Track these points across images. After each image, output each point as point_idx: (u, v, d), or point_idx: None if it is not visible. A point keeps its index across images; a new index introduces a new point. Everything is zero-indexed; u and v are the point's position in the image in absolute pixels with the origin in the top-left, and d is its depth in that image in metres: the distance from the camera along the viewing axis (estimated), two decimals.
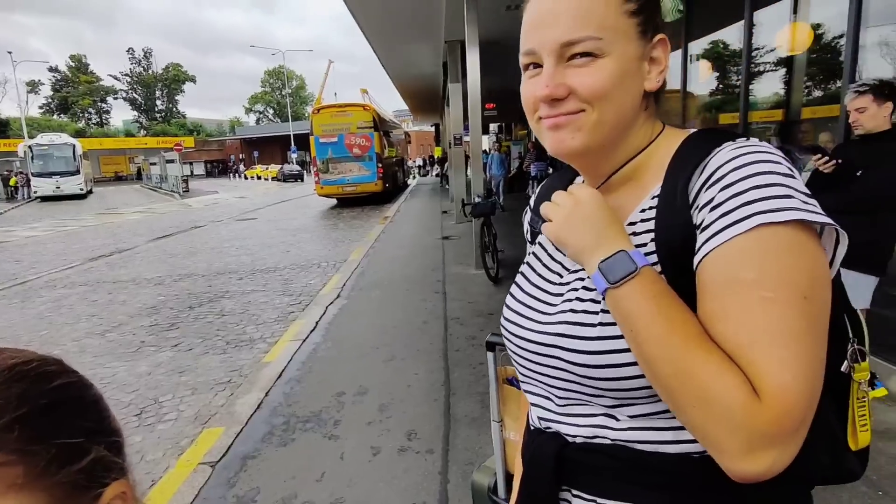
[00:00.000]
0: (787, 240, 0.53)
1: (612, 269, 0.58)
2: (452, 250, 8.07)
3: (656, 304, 0.56)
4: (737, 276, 0.53)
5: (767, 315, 0.52)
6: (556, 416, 0.72)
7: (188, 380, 3.85)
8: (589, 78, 0.62)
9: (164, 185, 30.67)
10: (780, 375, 0.50)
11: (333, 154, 16.35)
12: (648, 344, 0.55)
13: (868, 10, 3.27)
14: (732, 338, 0.53)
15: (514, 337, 0.75)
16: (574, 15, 0.61)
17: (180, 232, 12.45)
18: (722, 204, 0.56)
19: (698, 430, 0.54)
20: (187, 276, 7.36)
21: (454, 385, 3.41)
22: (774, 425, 0.50)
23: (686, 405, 0.54)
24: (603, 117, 0.63)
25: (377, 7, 8.87)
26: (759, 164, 0.56)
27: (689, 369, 0.53)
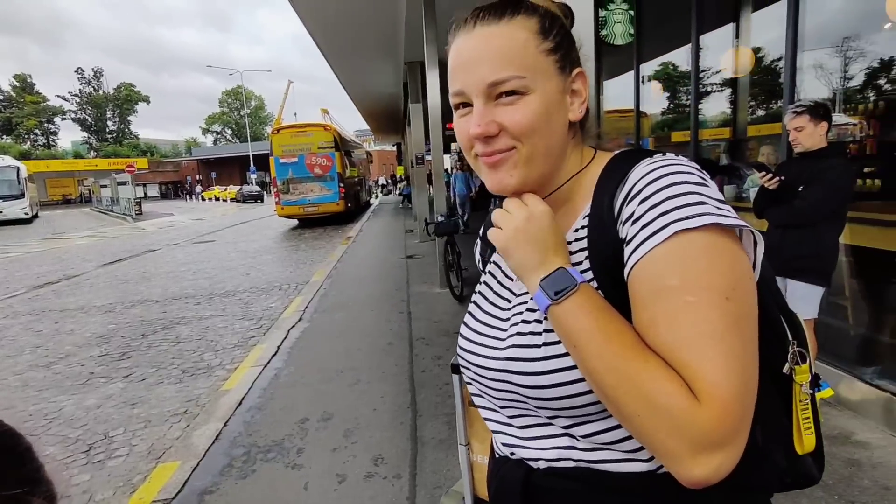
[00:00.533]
0: (704, 244, 0.55)
1: (553, 286, 0.60)
2: (417, 269, 8.04)
3: (594, 319, 0.58)
4: (662, 283, 0.55)
5: (693, 318, 0.54)
6: (517, 441, 0.72)
7: (141, 412, 3.66)
8: (517, 114, 0.64)
9: (115, 207, 29.58)
10: (712, 374, 0.52)
11: (294, 174, 16.18)
12: (591, 357, 0.57)
13: (804, 35, 3.48)
14: (665, 343, 0.55)
15: (470, 364, 0.75)
16: (497, 57, 0.64)
17: (133, 256, 11.99)
18: (642, 217, 0.58)
19: (647, 438, 0.54)
20: (140, 303, 7.07)
21: (421, 407, 3.36)
22: (715, 425, 0.50)
23: (632, 414, 0.54)
24: (534, 151, 0.66)
25: (336, 29, 8.91)
26: (672, 176, 0.59)
27: (631, 378, 0.54)
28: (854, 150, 3.44)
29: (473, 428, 1.38)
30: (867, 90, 3.41)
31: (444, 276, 6.32)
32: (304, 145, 16.27)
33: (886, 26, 3.12)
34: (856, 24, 3.36)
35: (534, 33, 0.66)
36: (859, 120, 3.46)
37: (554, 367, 0.62)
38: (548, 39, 0.66)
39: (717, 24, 4.76)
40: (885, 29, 3.14)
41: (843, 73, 3.50)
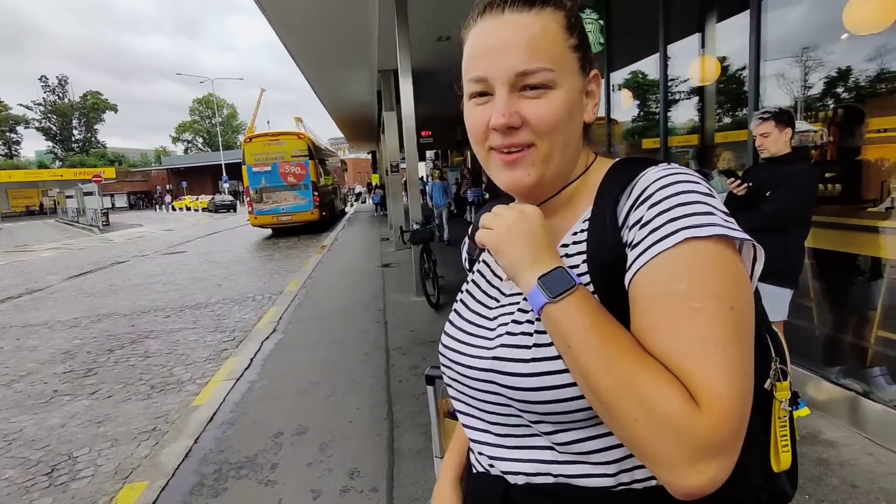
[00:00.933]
0: (712, 253, 0.55)
1: (552, 284, 0.59)
2: (393, 278, 7.99)
3: (591, 319, 0.56)
4: (667, 288, 0.55)
5: (697, 324, 0.53)
6: (496, 451, 0.70)
7: (107, 430, 3.54)
8: (544, 109, 0.63)
9: (81, 218, 28.75)
10: (714, 381, 0.51)
11: (267, 183, 15.97)
12: (586, 357, 0.55)
13: (766, 45, 3.58)
14: (666, 348, 0.54)
15: (453, 364, 0.73)
16: (527, 46, 0.63)
17: (99, 269, 11.64)
18: (650, 221, 0.58)
19: (641, 443, 0.53)
20: (107, 317, 6.86)
21: (397, 418, 3.32)
22: (714, 432, 0.50)
23: (627, 418, 0.53)
24: (553, 149, 0.65)
25: (309, 37, 8.85)
26: (683, 185, 0.59)
27: (628, 379, 0.53)
28: (816, 155, 3.55)
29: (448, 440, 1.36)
30: (826, 98, 3.52)
31: (420, 285, 6.30)
32: (277, 154, 16.09)
33: (843, 37, 3.23)
34: (815, 35, 3.47)
35: (562, 27, 0.65)
36: (820, 127, 3.57)
37: (543, 370, 0.61)
38: (573, 36, 0.66)
39: (683, 33, 4.87)
40: (843, 39, 3.26)
41: (804, 82, 3.61)
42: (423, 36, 8.23)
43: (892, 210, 2.90)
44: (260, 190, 15.95)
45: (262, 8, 7.31)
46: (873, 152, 3.16)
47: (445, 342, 0.76)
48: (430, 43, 8.85)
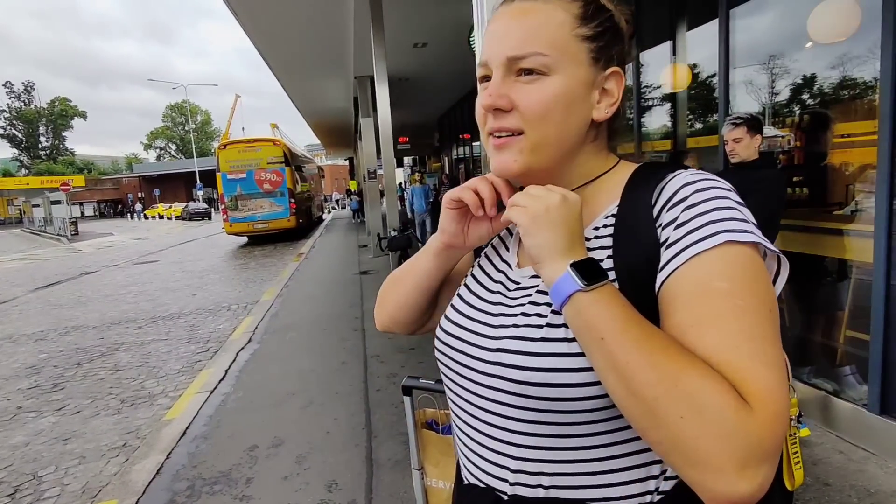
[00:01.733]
0: (749, 257, 0.55)
1: (585, 273, 0.56)
2: (371, 285, 7.93)
3: (627, 311, 0.54)
4: (710, 285, 0.54)
5: (743, 321, 0.52)
6: (489, 455, 0.67)
7: (75, 447, 3.41)
8: (534, 94, 0.62)
9: (48, 228, 27.95)
10: (765, 378, 0.49)
11: (242, 190, 15.76)
12: (625, 350, 0.52)
13: (735, 53, 3.66)
14: (710, 344, 0.52)
15: (453, 355, 0.71)
16: (525, 32, 0.62)
17: (68, 279, 11.30)
18: (687, 222, 0.57)
19: (685, 444, 0.48)
20: (75, 329, 6.65)
21: (376, 427, 3.27)
22: (767, 433, 0.47)
23: (672, 416, 0.49)
24: (543, 139, 0.63)
25: (283, 44, 8.78)
26: (718, 190, 0.59)
27: (674, 374, 0.49)
28: (784, 160, 3.63)
29: (427, 451, 1.34)
30: (793, 104, 3.61)
31: None
32: (252, 161, 15.89)
33: (808, 45, 3.33)
34: (782, 43, 3.56)
35: (572, 16, 0.63)
36: (787, 132, 3.66)
37: (551, 366, 0.59)
38: (586, 26, 0.64)
39: (655, 41, 4.97)
40: (807, 48, 3.35)
41: (772, 88, 3.70)
42: (399, 43, 8.23)
43: (857, 213, 2.98)
44: (235, 197, 15.72)
45: (236, 14, 7.23)
46: (838, 157, 3.25)
47: (443, 338, 0.74)
48: (407, 50, 8.87)
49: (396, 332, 0.89)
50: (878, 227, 2.56)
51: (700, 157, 4.66)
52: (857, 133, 3.12)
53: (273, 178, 15.93)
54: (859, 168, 3.06)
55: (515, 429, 0.63)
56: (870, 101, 2.92)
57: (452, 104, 15.73)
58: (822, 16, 3.13)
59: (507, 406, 0.63)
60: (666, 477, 0.61)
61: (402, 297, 0.84)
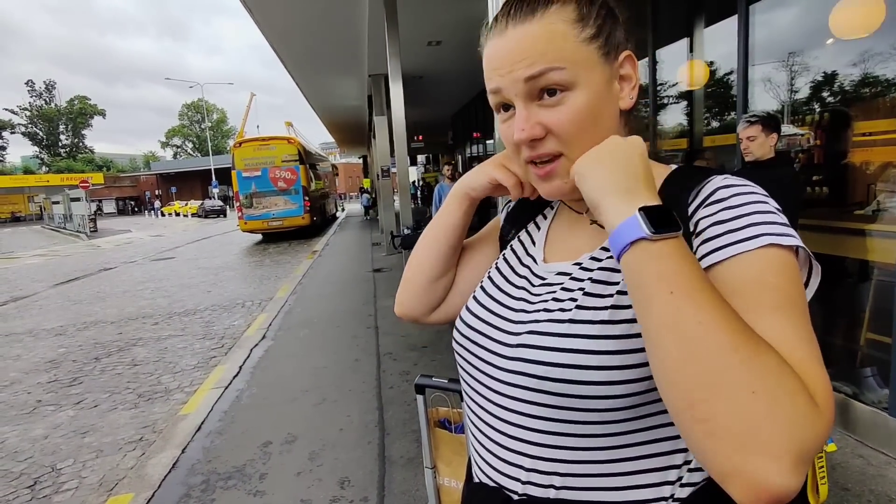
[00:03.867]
0: (791, 263, 0.54)
1: (656, 220, 0.52)
2: (384, 283, 7.95)
3: (702, 271, 0.51)
4: (761, 278, 0.52)
5: (795, 320, 0.51)
6: (502, 452, 0.66)
7: (92, 441, 3.47)
8: (563, 115, 0.61)
9: (68, 225, 28.44)
10: (826, 382, 0.48)
11: (257, 188, 15.90)
12: (701, 307, 0.47)
13: (754, 49, 3.61)
14: (775, 333, 0.49)
15: (472, 345, 0.70)
16: (531, 53, 0.60)
17: (87, 275, 11.50)
18: (727, 221, 0.56)
19: (748, 422, 0.44)
20: (94, 324, 6.76)
21: (388, 425, 3.28)
22: (825, 433, 0.46)
23: (743, 389, 0.44)
24: (582, 152, 0.62)
25: (298, 42, 8.83)
26: (757, 195, 0.58)
27: (755, 346, 0.46)
28: (803, 159, 3.57)
29: (439, 451, 1.34)
30: (813, 102, 3.54)
31: None
32: (267, 158, 16.02)
33: (829, 42, 3.26)
34: (801, 40, 3.50)
35: (571, 22, 0.61)
36: (806, 131, 3.59)
37: (573, 363, 0.58)
38: (588, 26, 0.62)
39: (672, 38, 4.91)
40: (829, 44, 3.28)
41: (791, 86, 3.64)
42: (413, 41, 8.24)
43: (879, 213, 2.92)
44: (250, 195, 15.87)
45: (252, 12, 7.28)
46: (859, 156, 3.19)
47: (462, 329, 0.73)
48: (421, 48, 8.87)
49: (414, 315, 0.89)
50: None
51: (716, 155, 4.60)
52: (879, 131, 3.06)
53: (288, 176, 16.05)
54: (881, 167, 3.00)
55: (531, 426, 0.62)
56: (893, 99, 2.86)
57: (466, 102, 15.70)
58: (844, 11, 3.06)
59: (524, 402, 0.62)
60: (682, 484, 0.60)
61: (422, 256, 0.86)
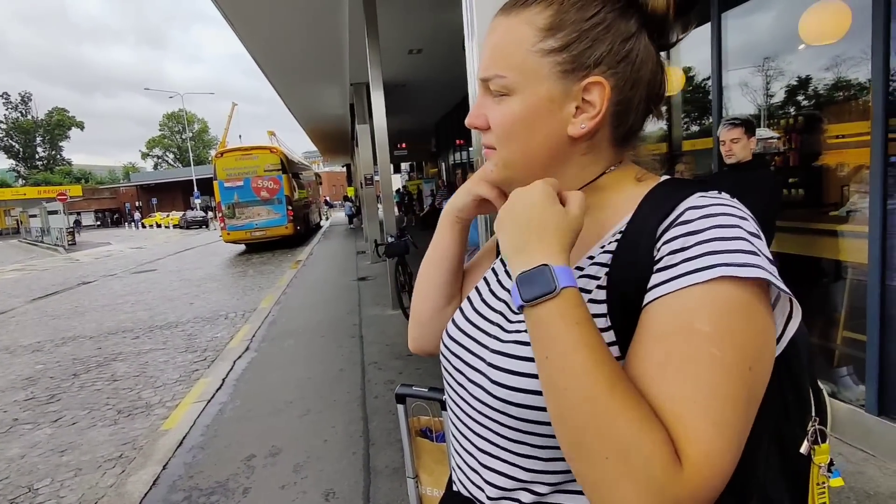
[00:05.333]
0: (746, 299, 0.49)
1: (529, 285, 0.52)
2: (369, 291, 7.92)
3: (579, 333, 0.50)
4: (690, 325, 0.49)
5: (712, 374, 0.47)
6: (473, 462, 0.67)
7: (70, 459, 3.39)
8: (497, 114, 0.63)
9: (45, 238, 27.90)
10: (711, 441, 0.46)
11: (240, 198, 15.75)
12: (567, 373, 0.49)
13: (728, 56, 3.68)
14: (668, 389, 0.48)
15: (454, 357, 0.71)
16: (489, 52, 0.63)
17: (65, 289, 11.27)
18: (685, 249, 0.52)
19: (601, 484, 0.47)
20: (72, 340, 6.62)
21: (373, 435, 3.26)
22: (690, 495, 0.45)
23: (598, 455, 0.47)
24: (510, 157, 0.64)
25: (279, 51, 8.80)
26: (728, 217, 0.53)
27: (612, 412, 0.47)
28: (779, 162, 3.64)
29: (421, 460, 1.34)
30: (787, 106, 3.62)
31: (395, 298, 6.25)
32: (249, 168, 15.90)
33: (800, 47, 3.34)
34: (774, 45, 3.57)
35: (536, 29, 0.59)
36: (781, 134, 3.67)
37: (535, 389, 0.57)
38: (554, 37, 0.59)
39: None
40: (800, 50, 3.36)
41: (766, 91, 3.71)
42: (394, 49, 8.25)
43: (852, 214, 2.99)
44: (232, 205, 15.72)
45: (232, 24, 7.25)
46: (832, 158, 3.26)
47: (446, 340, 0.74)
48: (402, 56, 8.89)
49: (428, 348, 0.86)
50: (872, 227, 2.56)
51: (696, 159, 4.67)
52: (850, 134, 3.13)
53: (270, 186, 15.93)
54: (854, 169, 3.06)
55: (497, 443, 0.63)
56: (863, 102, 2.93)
57: (449, 109, 15.76)
58: (812, 18, 3.14)
59: (490, 420, 0.63)
60: None
61: (424, 283, 0.85)
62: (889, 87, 2.48)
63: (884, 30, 2.45)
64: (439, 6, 6.62)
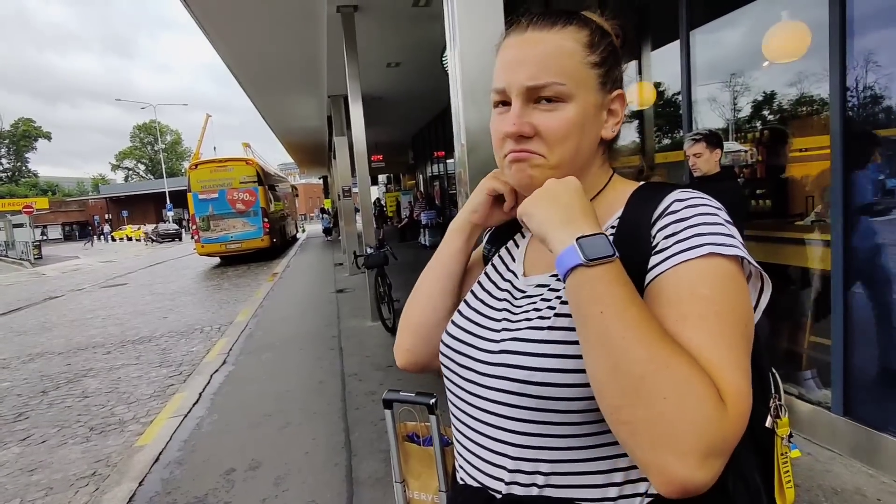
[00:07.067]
0: (731, 271, 0.59)
1: (592, 248, 0.57)
2: (347, 303, 7.88)
3: (630, 291, 0.56)
4: (694, 289, 0.57)
5: (721, 327, 0.55)
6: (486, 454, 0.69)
7: (41, 478, 3.29)
8: (554, 121, 0.67)
9: (10, 252, 27.00)
10: (739, 381, 0.53)
11: (214, 210, 15.54)
12: (624, 324, 0.54)
13: (697, 71, 3.82)
14: (692, 339, 0.55)
15: (457, 354, 0.74)
16: (542, 61, 0.67)
17: (31, 305, 10.93)
18: (677, 233, 0.61)
19: (659, 425, 0.50)
20: (39, 356, 6.43)
21: (355, 446, 3.24)
22: (732, 431, 0.51)
23: (655, 395, 0.51)
24: (563, 158, 0.68)
25: (256, 63, 8.78)
26: (707, 208, 0.63)
27: (667, 357, 0.52)
28: (747, 174, 3.78)
29: (408, 464, 1.35)
30: (754, 120, 3.77)
31: (375, 309, 6.24)
32: (224, 180, 15.71)
33: (765, 64, 3.49)
34: (740, 62, 3.73)
35: (581, 45, 0.68)
36: (749, 147, 3.81)
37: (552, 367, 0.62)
38: (594, 53, 0.69)
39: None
40: (765, 67, 3.51)
41: (734, 105, 3.86)
42: (372, 62, 8.30)
43: (816, 223, 3.12)
44: (207, 217, 15.50)
45: (207, 34, 7.21)
46: (797, 170, 3.40)
47: (447, 340, 0.77)
48: (380, 69, 8.94)
49: (424, 360, 0.86)
50: (835, 236, 2.68)
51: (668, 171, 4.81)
52: (813, 147, 3.27)
53: (246, 198, 15.76)
54: (817, 180, 3.21)
55: (514, 428, 0.66)
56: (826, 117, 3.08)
57: (426, 122, 15.87)
58: (774, 38, 3.29)
59: (507, 406, 0.66)
60: None
61: (429, 290, 0.86)
62: (847, 102, 2.62)
63: (840, 48, 2.58)
64: (418, 21, 6.71)
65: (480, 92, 1.51)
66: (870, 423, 2.59)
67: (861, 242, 2.65)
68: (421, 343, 0.86)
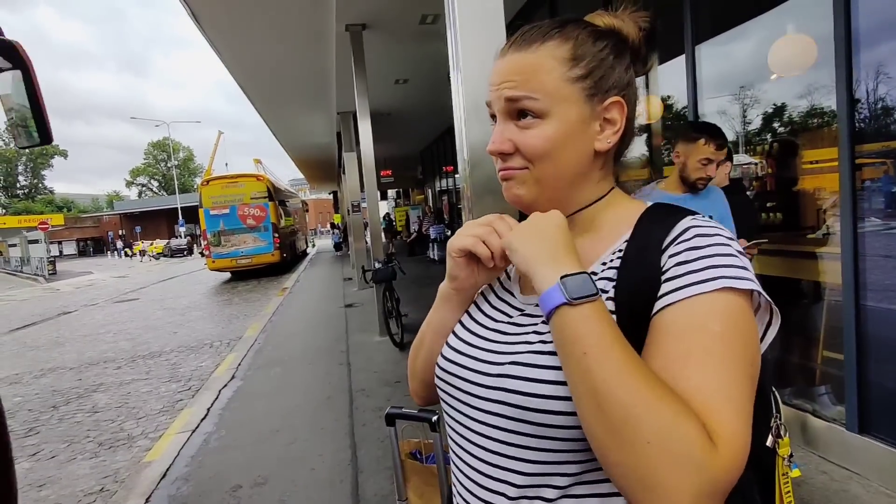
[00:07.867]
0: (744, 307, 0.57)
1: (575, 287, 0.57)
2: (356, 318, 7.88)
3: (613, 331, 0.55)
4: (704, 324, 0.56)
5: (727, 367, 0.54)
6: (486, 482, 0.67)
7: (49, 494, 3.30)
8: (531, 139, 0.67)
9: (25, 268, 27.41)
10: (735, 423, 0.52)
11: (225, 226, 15.71)
12: (606, 367, 0.53)
13: (704, 85, 3.82)
14: (692, 378, 0.54)
15: (454, 378, 0.72)
16: (516, 77, 0.67)
17: (45, 320, 11.05)
18: (689, 262, 0.59)
19: (645, 470, 0.50)
20: (51, 371, 6.48)
21: (362, 463, 3.22)
22: (725, 473, 0.50)
23: (639, 440, 0.50)
24: (544, 175, 0.68)
25: (267, 81, 8.92)
26: (721, 238, 0.61)
27: (651, 400, 0.51)
28: (757, 186, 3.76)
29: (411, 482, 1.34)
30: (763, 133, 3.75)
31: (383, 324, 6.23)
32: (235, 196, 15.90)
33: (773, 77, 3.48)
34: (746, 76, 3.72)
35: (561, 61, 0.67)
36: (759, 159, 3.79)
37: (552, 394, 0.60)
38: (577, 66, 0.67)
39: None
40: (772, 79, 3.51)
41: (743, 118, 3.85)
42: (380, 79, 8.41)
43: (828, 236, 3.08)
44: (218, 233, 15.66)
45: (219, 53, 7.35)
46: (808, 182, 3.37)
47: (443, 364, 0.75)
48: (388, 86, 9.05)
49: (435, 401, 0.85)
50: (845, 249, 2.65)
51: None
52: (824, 159, 3.25)
53: (256, 213, 15.92)
54: (829, 193, 3.17)
55: (516, 455, 0.64)
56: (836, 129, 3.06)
57: (435, 137, 15.97)
58: (780, 52, 3.29)
59: (507, 432, 0.64)
60: None
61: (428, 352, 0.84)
62: (854, 114, 2.60)
63: (846, 62, 2.58)
64: (425, 37, 6.79)
65: (483, 108, 1.51)
66: (887, 441, 2.53)
67: (870, 254, 2.61)
68: (433, 389, 0.83)
